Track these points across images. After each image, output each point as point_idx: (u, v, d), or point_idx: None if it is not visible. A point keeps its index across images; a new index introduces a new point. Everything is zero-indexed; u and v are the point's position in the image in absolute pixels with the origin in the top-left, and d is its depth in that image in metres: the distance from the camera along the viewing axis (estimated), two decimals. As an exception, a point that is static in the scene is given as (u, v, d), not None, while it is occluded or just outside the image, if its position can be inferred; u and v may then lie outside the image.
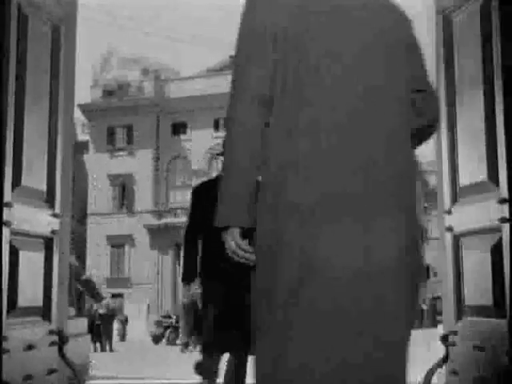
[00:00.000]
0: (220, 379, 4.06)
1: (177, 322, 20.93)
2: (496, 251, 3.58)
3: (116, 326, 23.38)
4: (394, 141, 1.60)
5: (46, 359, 3.95)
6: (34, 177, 3.93)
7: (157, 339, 21.43)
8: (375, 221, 1.53)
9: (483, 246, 3.72)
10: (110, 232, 39.92)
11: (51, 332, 4.02)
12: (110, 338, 19.94)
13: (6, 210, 3.53)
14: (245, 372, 3.94)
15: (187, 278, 4.03)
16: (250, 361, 4.72)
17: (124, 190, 40.95)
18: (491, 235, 3.64)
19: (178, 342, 19.85)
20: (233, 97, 1.65)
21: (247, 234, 1.65)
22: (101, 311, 21.53)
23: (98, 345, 19.13)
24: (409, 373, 1.59)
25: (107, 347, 19.44)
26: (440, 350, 4.14)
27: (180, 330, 19.19)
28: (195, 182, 25.79)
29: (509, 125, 3.54)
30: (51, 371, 3.97)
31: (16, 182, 3.68)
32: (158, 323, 22.13)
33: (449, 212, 4.07)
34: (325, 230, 1.49)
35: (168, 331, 21.16)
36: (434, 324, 23.59)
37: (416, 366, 6.31)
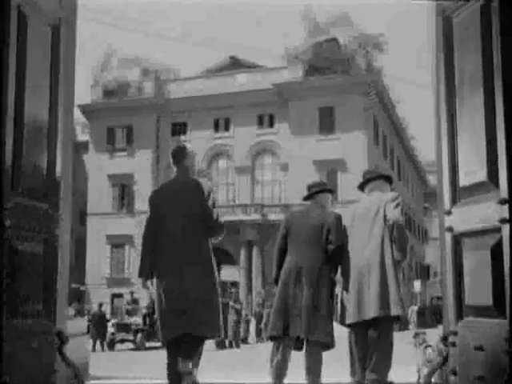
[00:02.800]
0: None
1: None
2: (496, 251, 3.59)
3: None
4: (190, 240, 4.44)
5: (46, 359, 3.95)
6: (34, 177, 3.94)
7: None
8: (185, 271, 4.38)
9: (483, 246, 3.72)
10: (110, 232, 39.92)
11: (51, 332, 4.02)
12: (103, 338, 19.93)
13: (5, 210, 3.53)
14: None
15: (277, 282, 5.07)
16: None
17: (124, 190, 40.94)
18: (491, 235, 3.64)
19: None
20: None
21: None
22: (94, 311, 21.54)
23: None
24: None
25: (101, 347, 19.43)
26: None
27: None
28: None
29: (509, 125, 3.54)
30: (51, 371, 3.97)
31: (16, 182, 3.68)
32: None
33: (449, 212, 4.07)
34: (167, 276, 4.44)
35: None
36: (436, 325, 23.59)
37: (414, 366, 6.30)
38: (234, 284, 19.24)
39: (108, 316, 24.91)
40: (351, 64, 37.26)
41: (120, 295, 35.53)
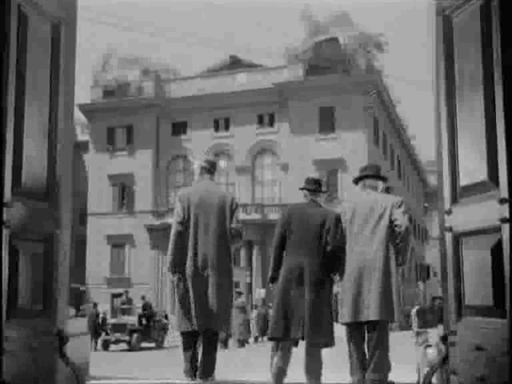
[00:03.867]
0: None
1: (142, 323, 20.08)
2: (496, 251, 3.58)
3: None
4: (218, 239, 5.18)
5: (45, 359, 3.95)
6: (34, 177, 3.94)
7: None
8: (210, 274, 5.15)
9: (483, 245, 3.72)
10: (110, 232, 39.91)
11: (51, 332, 4.02)
12: (95, 337, 19.96)
13: (6, 210, 3.53)
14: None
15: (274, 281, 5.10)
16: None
17: (124, 190, 40.93)
18: (491, 235, 3.64)
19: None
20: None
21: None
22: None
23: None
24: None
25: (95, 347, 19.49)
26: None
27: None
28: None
29: (509, 125, 3.54)
30: (51, 371, 3.97)
31: (16, 182, 3.68)
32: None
33: (449, 212, 4.07)
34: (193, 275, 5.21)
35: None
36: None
37: (413, 365, 6.29)
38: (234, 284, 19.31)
39: (108, 316, 24.92)
40: (351, 64, 37.24)
41: (120, 295, 35.51)
